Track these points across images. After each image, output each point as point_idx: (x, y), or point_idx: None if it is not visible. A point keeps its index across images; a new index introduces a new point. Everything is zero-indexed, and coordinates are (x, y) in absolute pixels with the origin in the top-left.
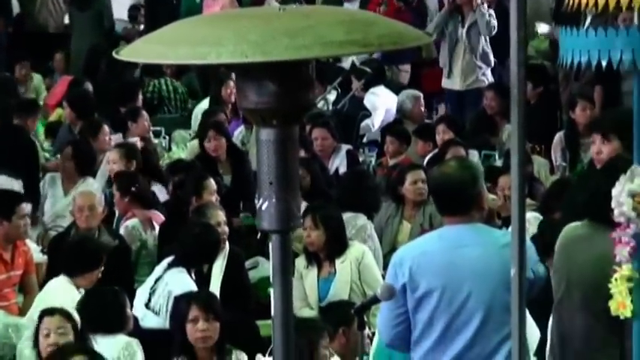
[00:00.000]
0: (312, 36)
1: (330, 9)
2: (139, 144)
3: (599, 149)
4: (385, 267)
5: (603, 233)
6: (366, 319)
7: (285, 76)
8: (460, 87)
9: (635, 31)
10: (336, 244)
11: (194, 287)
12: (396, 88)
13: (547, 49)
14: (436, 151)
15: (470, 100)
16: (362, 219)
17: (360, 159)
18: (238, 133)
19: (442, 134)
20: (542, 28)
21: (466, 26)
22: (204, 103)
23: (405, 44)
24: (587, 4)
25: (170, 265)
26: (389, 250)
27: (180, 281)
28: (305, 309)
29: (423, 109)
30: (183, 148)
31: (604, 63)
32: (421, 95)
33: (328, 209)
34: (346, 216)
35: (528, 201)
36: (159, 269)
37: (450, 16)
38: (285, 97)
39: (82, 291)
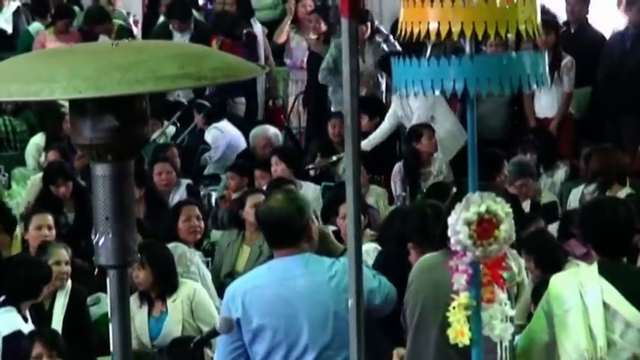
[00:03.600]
0: (145, 70)
1: (162, 43)
2: None
3: None
4: (220, 292)
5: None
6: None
7: (119, 112)
8: None
9: (468, 60)
10: (164, 284)
11: (23, 326)
12: (236, 121)
13: None
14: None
15: None
16: (181, 247)
17: (202, 193)
18: None
19: (275, 165)
20: None
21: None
22: (37, 138)
23: (238, 77)
24: (419, 33)
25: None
26: (228, 273)
27: (7, 321)
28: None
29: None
30: (23, 185)
31: (437, 92)
32: (271, 135)
33: (156, 248)
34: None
35: (369, 230)
36: None
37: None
38: (119, 132)
39: None
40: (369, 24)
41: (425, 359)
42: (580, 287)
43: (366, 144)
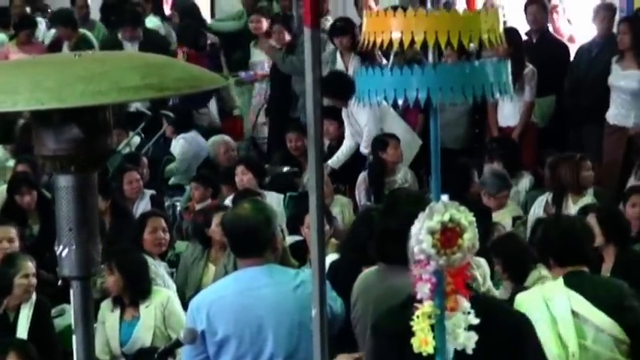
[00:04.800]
0: (107, 81)
1: (125, 54)
2: None
3: None
4: (185, 306)
5: (392, 273)
6: None
7: (82, 123)
8: None
9: (430, 69)
10: (135, 289)
11: None
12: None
13: None
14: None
15: None
16: (146, 259)
17: (166, 203)
18: None
19: (241, 175)
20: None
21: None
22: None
23: (201, 87)
24: (382, 43)
25: None
26: (194, 292)
27: None
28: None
29: (234, 153)
30: None
31: (400, 102)
32: (230, 140)
33: (126, 254)
34: None
35: (333, 240)
36: None
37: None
38: (83, 143)
39: None
40: (351, 35)
41: None
42: (546, 300)
43: (335, 162)
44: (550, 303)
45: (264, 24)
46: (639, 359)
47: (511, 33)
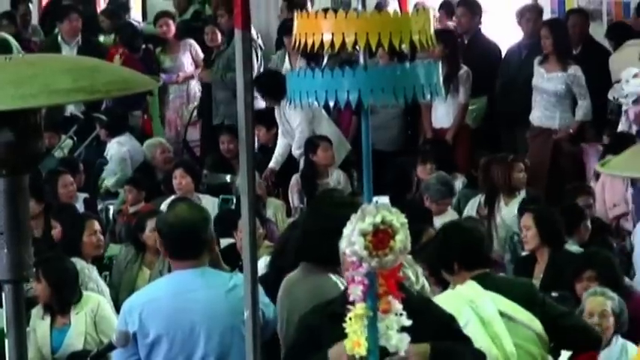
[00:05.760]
0: (38, 85)
1: (55, 57)
2: None
3: None
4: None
5: (314, 273)
6: None
7: (13, 126)
8: None
9: (362, 71)
10: (62, 297)
11: None
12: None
13: None
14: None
15: None
16: (80, 263)
17: (99, 207)
18: None
19: (180, 178)
20: None
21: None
22: None
23: (132, 90)
24: (313, 44)
25: None
26: (127, 296)
27: None
28: None
29: (170, 154)
30: None
31: (331, 103)
32: (165, 142)
33: (53, 262)
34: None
35: (267, 242)
36: None
37: None
38: (14, 146)
39: None
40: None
41: None
42: (469, 303)
43: (275, 163)
44: (474, 305)
45: (172, 28)
46: (555, 353)
47: (446, 35)
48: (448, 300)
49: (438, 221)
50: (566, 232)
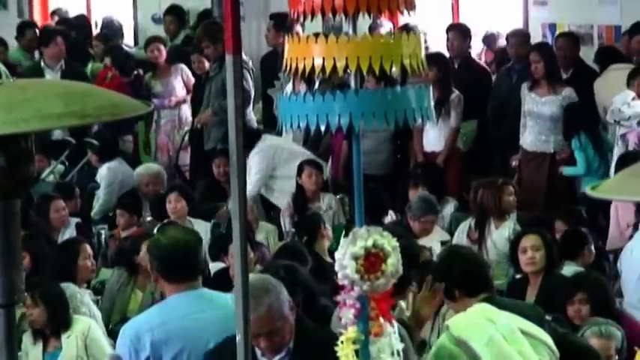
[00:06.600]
0: (30, 109)
1: (46, 82)
2: None
3: None
4: (112, 334)
5: None
6: None
7: (5, 151)
8: None
9: (353, 94)
10: (58, 320)
11: None
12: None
13: None
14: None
15: None
16: (72, 288)
17: (94, 230)
18: None
19: (174, 202)
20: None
21: None
22: None
23: (122, 115)
24: (304, 69)
25: None
26: (120, 319)
27: None
28: None
29: (158, 187)
30: None
31: (322, 127)
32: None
33: (49, 285)
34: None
35: (258, 266)
36: None
37: None
38: (5, 171)
39: None
40: None
41: None
42: (489, 321)
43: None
44: (493, 322)
45: (163, 52)
46: None
47: (438, 59)
48: (468, 317)
49: (426, 241)
50: (569, 257)
